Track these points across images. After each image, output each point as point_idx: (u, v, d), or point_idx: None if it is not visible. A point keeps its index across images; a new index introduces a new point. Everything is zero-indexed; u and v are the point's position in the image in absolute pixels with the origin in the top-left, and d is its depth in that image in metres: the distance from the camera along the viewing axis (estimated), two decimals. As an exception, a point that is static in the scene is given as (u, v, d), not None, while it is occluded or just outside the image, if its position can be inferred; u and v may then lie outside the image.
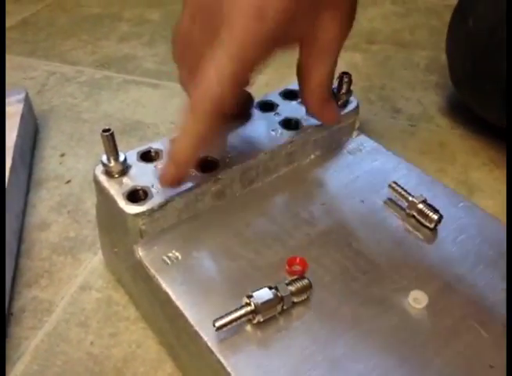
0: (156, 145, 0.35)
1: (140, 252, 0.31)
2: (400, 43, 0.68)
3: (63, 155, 0.50)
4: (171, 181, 0.31)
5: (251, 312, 0.26)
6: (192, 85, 0.29)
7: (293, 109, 0.38)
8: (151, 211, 0.31)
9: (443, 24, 0.52)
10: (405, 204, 0.34)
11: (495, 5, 0.43)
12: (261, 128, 0.37)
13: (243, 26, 0.28)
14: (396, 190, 0.34)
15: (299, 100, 0.38)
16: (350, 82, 0.38)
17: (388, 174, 0.37)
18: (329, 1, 0.31)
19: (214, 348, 0.26)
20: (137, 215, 0.30)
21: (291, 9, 0.28)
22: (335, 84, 0.39)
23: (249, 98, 0.38)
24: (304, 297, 0.28)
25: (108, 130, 0.31)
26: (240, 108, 0.35)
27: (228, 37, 0.28)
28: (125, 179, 0.32)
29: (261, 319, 0.27)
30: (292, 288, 0.28)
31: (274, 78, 0.37)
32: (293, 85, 0.38)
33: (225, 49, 0.28)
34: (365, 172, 0.37)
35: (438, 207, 0.33)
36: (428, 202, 0.33)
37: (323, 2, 0.30)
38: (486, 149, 0.50)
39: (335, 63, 0.34)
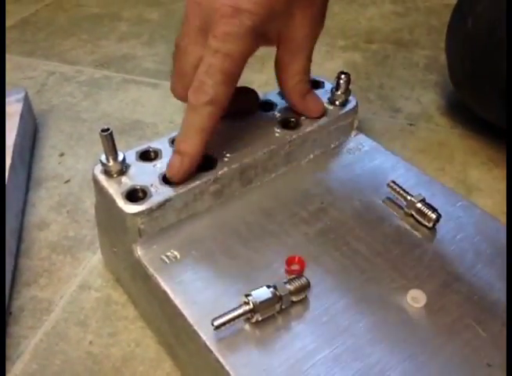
0: (155, 144, 0.35)
1: (139, 251, 0.31)
2: (399, 42, 0.68)
3: (62, 155, 0.50)
4: (180, 172, 0.32)
5: (250, 311, 0.26)
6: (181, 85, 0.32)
7: (292, 108, 0.38)
8: (150, 211, 0.31)
9: (442, 24, 0.52)
10: (403, 203, 0.34)
11: (494, 6, 0.43)
12: (260, 128, 0.37)
13: (222, 24, 0.30)
14: (395, 189, 0.34)
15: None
16: (348, 82, 0.38)
17: (387, 173, 0.37)
18: (301, 1, 0.33)
19: (213, 347, 0.26)
20: (136, 214, 0.30)
21: (263, 7, 0.31)
22: (334, 83, 0.39)
23: (253, 95, 0.39)
24: (302, 296, 0.28)
25: (107, 130, 0.31)
26: (245, 105, 0.36)
27: (212, 37, 0.31)
28: (124, 179, 0.32)
29: (260, 319, 0.27)
30: (290, 287, 0.28)
31: (274, 77, 0.37)
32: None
33: (211, 48, 0.31)
34: (364, 171, 0.37)
35: (436, 207, 0.33)
36: (427, 201, 0.33)
37: (297, 1, 0.32)
38: (485, 148, 0.50)
39: (309, 58, 0.36)
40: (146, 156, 0.34)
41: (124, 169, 0.33)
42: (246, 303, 0.27)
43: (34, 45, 0.69)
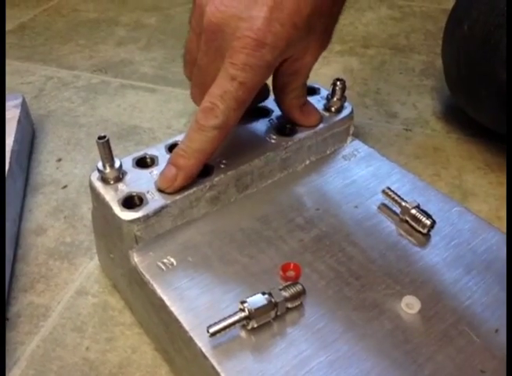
0: (151, 151, 0.35)
1: (135, 258, 0.31)
2: (396, 47, 0.68)
3: (59, 160, 0.50)
4: (171, 185, 0.32)
5: (245, 318, 0.27)
6: (202, 95, 0.32)
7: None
8: (146, 218, 0.31)
9: (439, 29, 0.53)
10: (398, 210, 0.34)
11: (490, 11, 0.43)
12: (255, 134, 0.37)
13: (243, 54, 0.30)
14: (390, 196, 0.34)
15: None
16: (344, 88, 0.38)
17: (382, 179, 0.37)
18: (319, 25, 0.33)
19: (209, 354, 0.26)
20: (132, 221, 0.30)
21: (287, 39, 0.31)
22: (329, 90, 0.39)
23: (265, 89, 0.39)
24: (297, 302, 0.28)
25: (103, 137, 0.31)
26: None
27: (230, 63, 0.30)
28: (121, 186, 0.32)
29: (255, 325, 0.27)
30: (286, 294, 0.28)
31: (270, 84, 0.37)
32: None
33: (229, 74, 0.31)
34: (360, 178, 0.37)
35: (431, 213, 0.33)
36: (421, 207, 0.33)
37: (315, 26, 0.33)
38: (481, 153, 0.50)
39: (308, 75, 0.36)
40: (143, 163, 0.34)
41: (120, 176, 0.33)
42: (242, 310, 0.27)
43: (32, 50, 0.69)
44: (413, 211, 0.33)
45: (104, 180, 0.33)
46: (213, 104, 0.31)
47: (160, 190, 0.32)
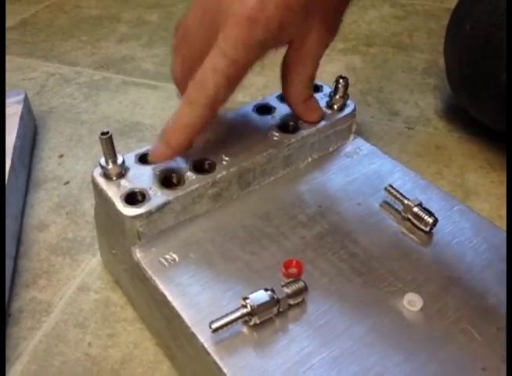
0: (154, 147, 0.35)
1: (138, 254, 0.31)
2: (398, 46, 0.68)
3: (61, 156, 0.50)
4: (161, 159, 0.33)
5: (247, 314, 0.27)
6: (190, 78, 0.32)
7: (290, 112, 0.38)
8: (149, 214, 0.31)
9: (441, 27, 0.53)
10: (400, 207, 0.34)
11: (492, 11, 0.43)
12: (258, 131, 0.37)
13: (235, 31, 0.30)
14: (392, 193, 0.34)
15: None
16: (347, 86, 0.38)
17: (384, 177, 0.37)
18: (320, 8, 0.33)
19: (211, 350, 0.26)
20: (135, 217, 0.31)
21: (280, 20, 0.31)
22: (332, 87, 0.39)
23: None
24: (300, 299, 0.28)
25: (106, 133, 0.31)
26: None
27: (222, 39, 0.31)
28: (123, 182, 0.32)
29: (258, 321, 0.27)
30: (288, 290, 0.28)
31: (273, 80, 0.37)
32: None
33: (221, 50, 0.31)
34: (362, 175, 0.37)
35: (433, 211, 0.33)
36: (423, 205, 0.33)
37: (314, 9, 0.32)
38: (483, 152, 0.50)
39: (317, 65, 0.36)
40: (145, 159, 0.34)
41: (123, 172, 0.33)
42: (244, 306, 0.27)
43: (34, 46, 0.69)
44: (415, 209, 0.33)
45: (107, 176, 0.33)
46: (206, 77, 0.31)
47: (163, 186, 0.32)
